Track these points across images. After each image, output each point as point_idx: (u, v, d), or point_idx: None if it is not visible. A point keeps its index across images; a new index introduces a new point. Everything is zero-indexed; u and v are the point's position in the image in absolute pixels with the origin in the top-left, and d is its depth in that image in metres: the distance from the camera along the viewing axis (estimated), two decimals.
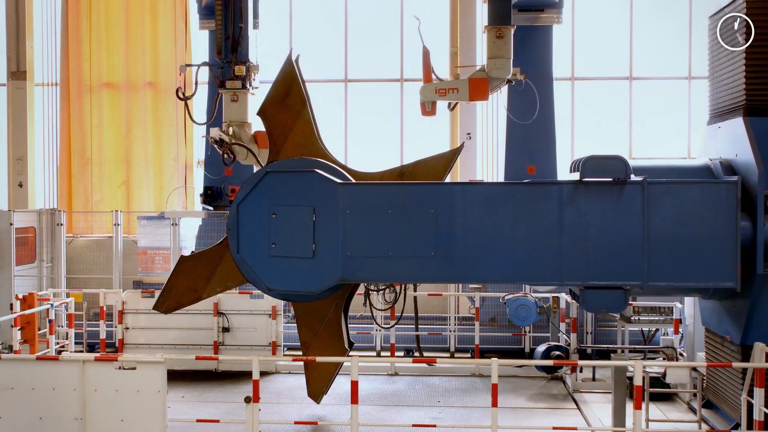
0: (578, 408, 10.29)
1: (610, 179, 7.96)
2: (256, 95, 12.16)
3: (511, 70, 11.72)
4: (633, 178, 7.97)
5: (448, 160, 8.95)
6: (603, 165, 7.90)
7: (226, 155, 11.15)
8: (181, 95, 11.64)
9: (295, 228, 8.18)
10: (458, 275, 8.46)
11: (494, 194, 8.11)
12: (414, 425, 8.87)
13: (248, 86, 11.64)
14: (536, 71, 13.56)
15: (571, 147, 16.45)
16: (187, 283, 9.10)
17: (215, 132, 11.34)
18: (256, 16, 14.28)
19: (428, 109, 11.37)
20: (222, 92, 11.63)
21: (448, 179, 9.20)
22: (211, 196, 14.08)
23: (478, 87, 11.32)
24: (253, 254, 8.35)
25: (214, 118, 12.20)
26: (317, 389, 9.67)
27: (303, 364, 9.89)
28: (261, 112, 9.09)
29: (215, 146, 11.45)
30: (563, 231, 7.96)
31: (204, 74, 13.18)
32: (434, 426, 8.69)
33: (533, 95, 13.54)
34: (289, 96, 9.05)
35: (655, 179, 7.89)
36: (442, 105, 11.69)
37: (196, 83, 11.87)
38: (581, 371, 11.77)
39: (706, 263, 7.90)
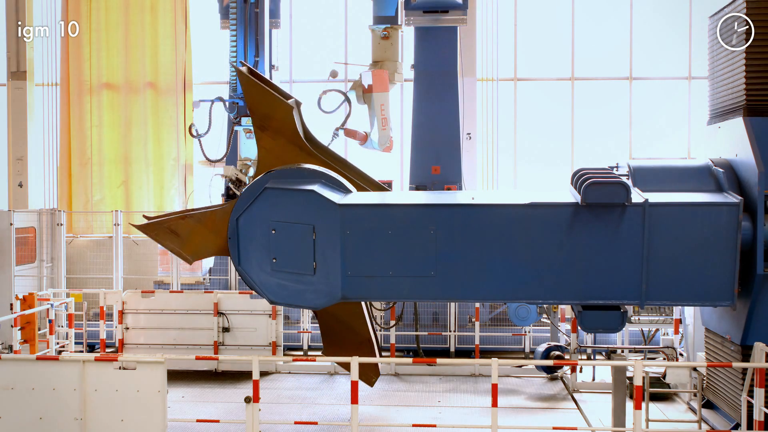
0: (578, 408, 10.28)
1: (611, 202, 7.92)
2: None
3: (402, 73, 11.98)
4: (634, 193, 7.93)
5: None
6: (604, 190, 7.84)
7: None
8: (194, 133, 11.48)
9: (295, 245, 8.09)
10: (458, 294, 8.44)
11: (494, 215, 8.05)
12: (414, 425, 8.86)
13: None
14: (440, 72, 13.57)
15: (571, 147, 16.45)
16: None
17: (230, 170, 11.07)
18: (276, 15, 14.22)
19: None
20: (237, 129, 11.28)
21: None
22: (233, 196, 13.97)
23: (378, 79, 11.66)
24: (254, 268, 8.29)
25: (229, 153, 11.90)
26: None
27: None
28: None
29: (231, 185, 11.16)
30: (563, 251, 7.91)
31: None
32: (434, 426, 8.68)
33: (439, 94, 13.59)
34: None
35: (656, 202, 7.84)
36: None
37: (210, 120, 11.60)
38: (581, 371, 11.78)
39: (705, 283, 7.85)
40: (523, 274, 8.01)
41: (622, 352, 11.59)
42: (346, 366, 9.94)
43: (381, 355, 9.79)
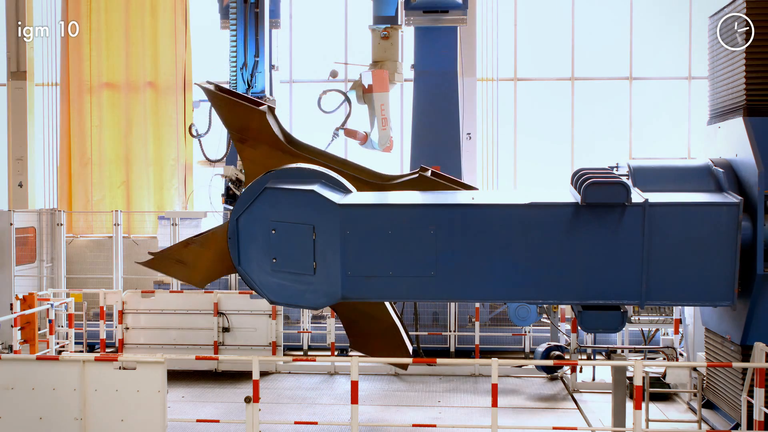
0: (578, 408, 10.29)
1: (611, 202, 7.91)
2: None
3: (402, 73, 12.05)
4: (634, 193, 7.93)
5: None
6: (604, 190, 7.84)
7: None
8: (194, 133, 11.48)
9: (295, 245, 8.07)
10: (459, 294, 8.44)
11: (494, 215, 8.04)
12: (414, 425, 8.87)
13: None
14: (440, 72, 13.57)
15: (571, 147, 16.46)
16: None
17: (230, 170, 11.08)
18: (277, 15, 14.22)
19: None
20: None
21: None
22: (233, 196, 13.90)
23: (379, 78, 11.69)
24: (254, 268, 8.27)
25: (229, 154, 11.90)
26: None
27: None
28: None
29: (231, 185, 11.16)
30: (563, 251, 7.90)
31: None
32: (434, 426, 8.68)
33: (439, 94, 13.60)
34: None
35: (656, 202, 7.83)
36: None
37: (210, 120, 11.56)
38: (581, 371, 11.78)
39: (704, 283, 7.82)
40: (523, 274, 8.00)
41: (622, 352, 11.58)
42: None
43: (409, 337, 9.73)
